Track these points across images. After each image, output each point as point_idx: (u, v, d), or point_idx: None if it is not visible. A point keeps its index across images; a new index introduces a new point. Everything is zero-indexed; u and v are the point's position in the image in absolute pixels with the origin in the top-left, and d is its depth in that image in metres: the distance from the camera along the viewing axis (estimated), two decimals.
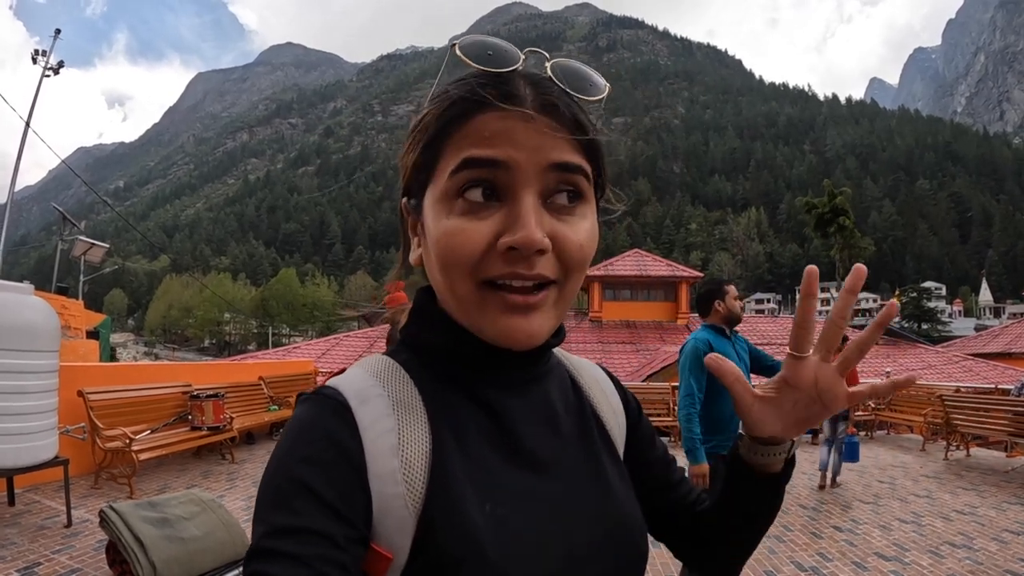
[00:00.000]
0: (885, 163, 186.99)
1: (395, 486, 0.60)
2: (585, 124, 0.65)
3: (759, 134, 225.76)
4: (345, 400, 0.64)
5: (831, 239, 49.93)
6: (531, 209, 0.61)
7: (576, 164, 0.63)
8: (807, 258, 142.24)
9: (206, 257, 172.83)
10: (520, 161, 0.61)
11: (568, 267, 0.64)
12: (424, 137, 0.66)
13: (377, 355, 0.72)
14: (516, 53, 0.65)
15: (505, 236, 0.60)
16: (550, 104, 0.63)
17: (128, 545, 3.64)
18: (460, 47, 0.64)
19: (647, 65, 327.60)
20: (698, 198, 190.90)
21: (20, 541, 4.51)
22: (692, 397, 3.52)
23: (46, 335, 4.91)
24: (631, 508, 0.75)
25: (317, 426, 0.62)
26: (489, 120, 0.62)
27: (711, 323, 3.76)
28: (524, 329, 0.63)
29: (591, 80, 0.67)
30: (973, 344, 26.73)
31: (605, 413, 0.82)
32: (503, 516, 0.63)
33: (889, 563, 4.72)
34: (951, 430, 9.42)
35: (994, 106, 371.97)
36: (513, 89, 0.63)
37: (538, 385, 0.74)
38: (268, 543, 0.55)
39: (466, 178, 0.61)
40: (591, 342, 23.47)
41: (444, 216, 0.63)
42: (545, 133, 0.62)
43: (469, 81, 0.64)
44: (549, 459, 0.70)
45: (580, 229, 0.64)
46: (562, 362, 0.84)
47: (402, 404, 0.65)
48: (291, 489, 0.57)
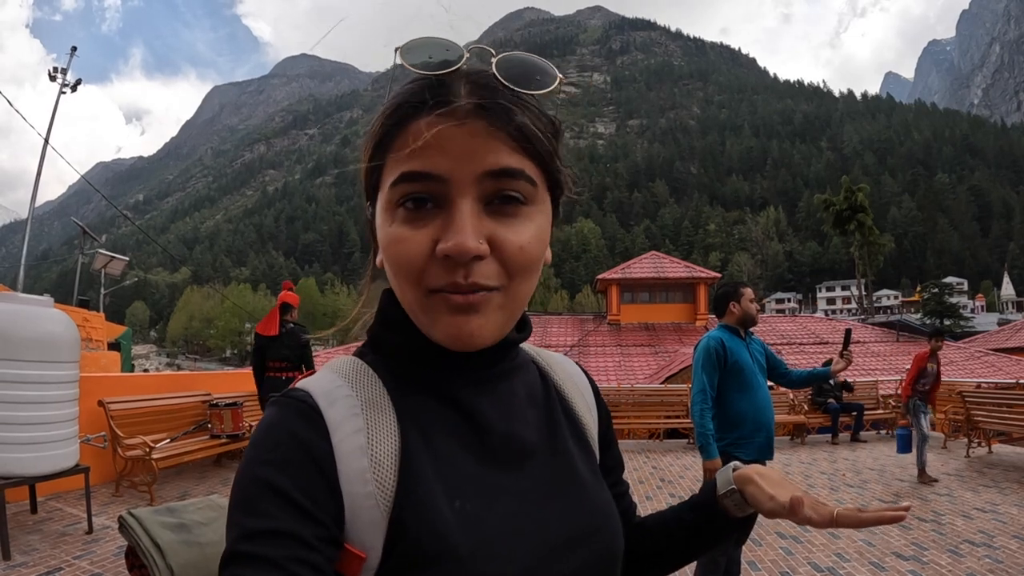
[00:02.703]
0: (903, 158, 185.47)
1: (365, 485, 0.60)
2: (524, 124, 0.63)
3: (775, 132, 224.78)
4: (314, 402, 0.64)
5: (850, 236, 49.54)
6: (466, 216, 0.60)
7: (514, 169, 0.62)
8: (827, 256, 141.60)
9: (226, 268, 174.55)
10: (453, 171, 0.60)
11: (510, 271, 0.63)
12: (371, 144, 0.66)
13: (345, 356, 0.73)
14: (458, 52, 0.64)
15: (440, 243, 0.60)
16: (484, 107, 0.61)
17: (147, 550, 3.68)
18: (402, 51, 0.63)
19: (661, 66, 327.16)
20: (716, 198, 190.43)
21: (42, 547, 4.59)
22: (705, 394, 3.56)
23: (66, 346, 4.99)
24: (605, 503, 0.75)
25: (284, 428, 0.62)
26: (421, 127, 0.61)
27: (726, 323, 3.79)
28: (466, 330, 0.62)
29: (539, 71, 0.65)
30: (995, 339, 26.30)
31: (579, 408, 0.82)
32: (474, 513, 0.63)
33: (907, 563, 4.67)
34: (972, 427, 9.32)
35: (1011, 96, 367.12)
36: (448, 92, 0.62)
37: (506, 381, 0.74)
38: (240, 547, 0.55)
39: (403, 191, 0.62)
40: (609, 345, 23.44)
41: (388, 224, 0.63)
42: (478, 138, 0.61)
43: (409, 85, 0.64)
44: (519, 455, 0.70)
45: (522, 231, 0.63)
46: (534, 358, 0.84)
47: (370, 404, 0.65)
48: (260, 492, 0.57)
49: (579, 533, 0.69)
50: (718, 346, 3.62)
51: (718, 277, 26.95)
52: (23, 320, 4.72)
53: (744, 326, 3.78)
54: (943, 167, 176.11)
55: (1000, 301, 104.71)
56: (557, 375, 0.84)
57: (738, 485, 0.78)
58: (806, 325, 26.58)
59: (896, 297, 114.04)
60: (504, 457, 0.68)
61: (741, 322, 3.76)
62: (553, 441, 0.75)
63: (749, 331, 3.84)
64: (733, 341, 3.68)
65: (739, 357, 3.61)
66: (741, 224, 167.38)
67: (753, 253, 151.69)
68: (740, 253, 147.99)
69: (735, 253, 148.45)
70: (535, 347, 0.86)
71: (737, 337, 3.74)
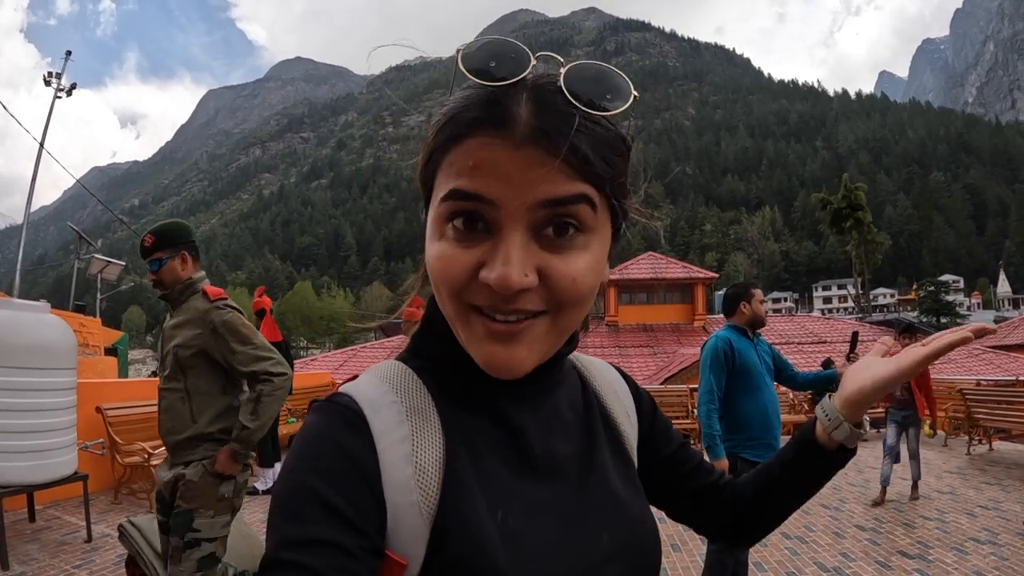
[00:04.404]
0: (898, 157, 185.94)
1: (409, 494, 0.60)
2: (587, 152, 0.57)
3: (770, 132, 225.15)
4: (359, 408, 0.63)
5: (846, 235, 49.64)
6: (514, 247, 0.57)
7: (572, 196, 0.58)
8: (823, 256, 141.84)
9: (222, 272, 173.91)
10: (504, 197, 0.57)
11: (559, 301, 0.60)
12: (427, 152, 0.64)
13: (390, 361, 0.72)
14: (524, 60, 0.58)
15: (484, 270, 0.58)
16: (543, 130, 0.56)
17: (147, 559, 3.65)
18: (463, 56, 0.59)
19: (656, 67, 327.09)
20: (712, 199, 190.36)
21: (41, 557, 4.55)
22: (712, 394, 3.56)
23: (63, 353, 4.95)
24: (643, 517, 0.74)
25: (329, 436, 0.61)
26: (475, 148, 0.58)
27: (735, 324, 3.79)
28: (504, 359, 0.61)
29: (612, 88, 0.60)
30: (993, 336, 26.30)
31: (619, 418, 0.81)
32: (515, 528, 0.62)
33: (913, 561, 4.65)
34: (973, 424, 9.31)
35: (1005, 95, 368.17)
36: (505, 111, 0.57)
37: (549, 395, 0.73)
38: (281, 554, 0.55)
39: (451, 208, 0.59)
40: (608, 346, 23.43)
41: (436, 239, 0.61)
42: (533, 166, 0.56)
43: (466, 92, 0.61)
44: (560, 470, 0.69)
45: (576, 262, 0.59)
46: (576, 367, 0.83)
47: (416, 411, 0.65)
48: (303, 500, 0.57)
49: (617, 549, 0.69)
50: (726, 346, 3.61)
51: (715, 277, 27.00)
52: (19, 326, 4.68)
53: (753, 327, 3.79)
54: (938, 166, 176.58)
55: (996, 298, 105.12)
56: (597, 383, 0.83)
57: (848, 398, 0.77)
58: (804, 324, 26.63)
59: (892, 295, 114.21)
60: (545, 472, 0.68)
61: (751, 323, 3.77)
62: (592, 454, 0.74)
63: (757, 332, 3.84)
64: (741, 342, 3.67)
65: (747, 358, 3.59)
66: (737, 224, 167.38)
67: (749, 253, 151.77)
68: (736, 253, 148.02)
69: (731, 253, 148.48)
70: (576, 353, 0.84)
71: (745, 338, 3.73)
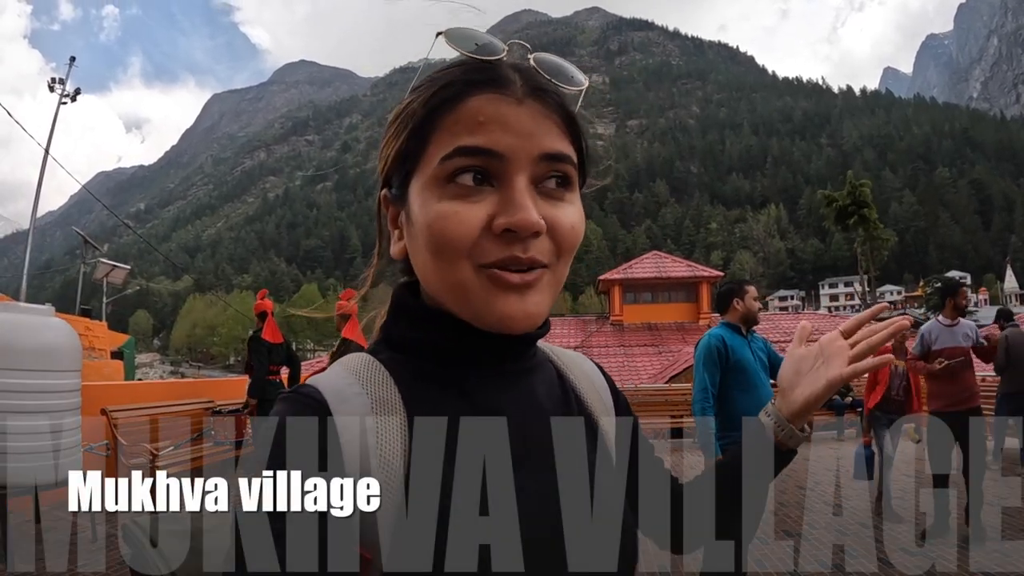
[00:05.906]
0: (903, 153, 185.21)
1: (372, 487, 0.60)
2: (572, 113, 0.67)
3: (775, 130, 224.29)
4: (323, 399, 0.63)
5: (852, 232, 49.43)
6: (525, 192, 0.61)
7: (566, 154, 0.64)
8: (829, 253, 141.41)
9: (228, 276, 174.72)
10: (512, 149, 0.61)
11: (561, 249, 0.64)
12: (411, 123, 0.66)
13: (358, 354, 0.72)
14: (500, 44, 0.66)
15: (500, 218, 0.60)
16: (539, 89, 0.64)
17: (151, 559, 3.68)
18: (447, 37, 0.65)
19: (659, 66, 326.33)
20: (717, 197, 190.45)
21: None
22: (706, 392, 3.55)
23: (68, 355, 4.97)
24: (619, 504, 0.75)
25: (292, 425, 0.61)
26: (481, 104, 0.62)
27: (728, 321, 3.79)
28: (522, 309, 0.62)
29: (570, 73, 0.69)
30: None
31: (596, 410, 0.81)
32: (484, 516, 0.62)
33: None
34: None
35: (1009, 89, 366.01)
36: (500, 74, 0.64)
37: (526, 379, 0.73)
38: None
39: (458, 164, 0.61)
40: (613, 346, 23.43)
41: (435, 200, 0.62)
42: (536, 118, 0.62)
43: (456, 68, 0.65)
44: (534, 455, 0.69)
45: (571, 212, 0.65)
46: (550, 357, 0.83)
47: (381, 403, 0.64)
48: None
49: (593, 537, 0.69)
50: (719, 344, 3.61)
51: (720, 276, 26.97)
52: (24, 330, 4.71)
53: (746, 324, 3.78)
54: (943, 161, 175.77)
55: (1004, 294, 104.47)
56: (573, 374, 0.83)
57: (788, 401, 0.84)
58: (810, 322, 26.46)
59: (899, 292, 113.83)
60: (519, 457, 0.67)
61: (744, 320, 3.76)
62: (570, 443, 0.73)
63: (751, 329, 3.84)
64: (735, 339, 3.67)
65: (741, 355, 3.59)
66: (742, 222, 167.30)
67: (755, 251, 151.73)
68: (742, 251, 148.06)
69: (737, 252, 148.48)
70: (549, 345, 0.84)
71: (739, 335, 3.73)
